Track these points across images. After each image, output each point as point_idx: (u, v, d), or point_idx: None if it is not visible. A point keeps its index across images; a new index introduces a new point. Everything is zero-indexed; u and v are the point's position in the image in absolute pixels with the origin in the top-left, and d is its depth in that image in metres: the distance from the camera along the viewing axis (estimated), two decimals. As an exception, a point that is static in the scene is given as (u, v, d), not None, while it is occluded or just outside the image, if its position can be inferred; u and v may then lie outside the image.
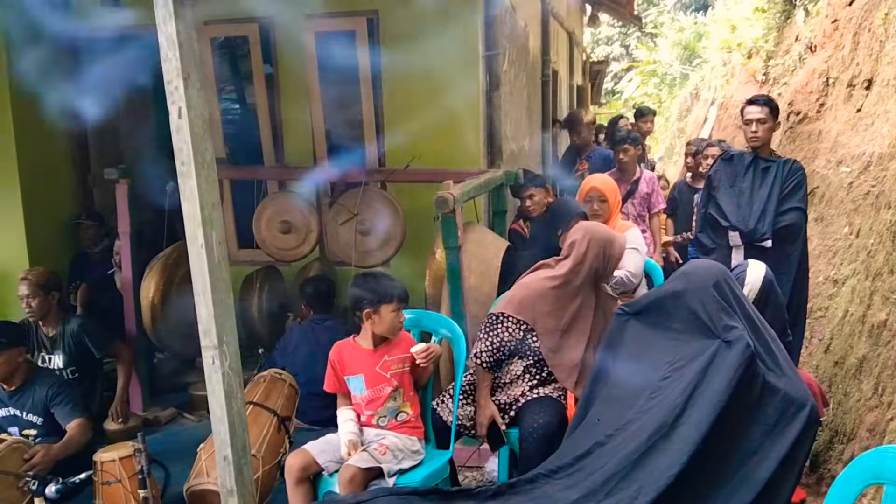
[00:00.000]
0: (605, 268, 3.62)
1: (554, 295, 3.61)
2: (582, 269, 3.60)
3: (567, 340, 3.60)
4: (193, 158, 2.46)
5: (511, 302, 3.64)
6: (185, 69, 2.44)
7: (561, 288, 3.61)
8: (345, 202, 5.36)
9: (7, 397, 3.98)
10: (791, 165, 4.57)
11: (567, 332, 3.60)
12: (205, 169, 2.50)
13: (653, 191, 6.03)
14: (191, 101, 2.45)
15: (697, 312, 3.14)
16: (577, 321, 3.62)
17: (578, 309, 3.62)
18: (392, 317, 3.32)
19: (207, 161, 2.51)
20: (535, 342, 3.59)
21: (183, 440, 4.77)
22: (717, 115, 11.62)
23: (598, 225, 3.89)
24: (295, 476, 3.18)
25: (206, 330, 2.53)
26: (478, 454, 4.27)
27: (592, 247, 3.60)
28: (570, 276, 3.61)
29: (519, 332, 3.58)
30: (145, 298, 5.23)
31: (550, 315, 3.59)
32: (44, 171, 5.89)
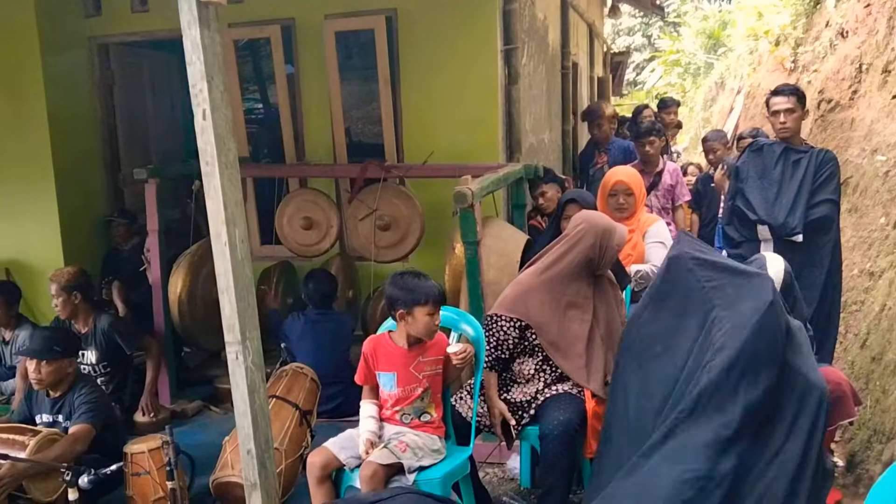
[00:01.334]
0: (600, 258, 3.57)
1: (545, 287, 3.56)
2: (575, 258, 3.55)
3: (566, 332, 3.55)
4: (217, 158, 2.53)
5: (503, 302, 3.62)
6: (209, 72, 2.51)
7: (551, 279, 3.56)
8: (364, 198, 5.42)
9: (50, 405, 4.05)
10: (823, 156, 4.45)
11: (564, 324, 3.55)
12: (228, 168, 2.57)
13: (677, 182, 5.96)
14: (214, 102, 2.52)
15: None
16: (575, 311, 3.57)
17: (574, 298, 3.57)
18: (426, 320, 3.23)
19: (231, 161, 2.59)
20: (534, 338, 3.57)
21: (209, 432, 4.89)
22: (743, 104, 11.52)
23: (598, 214, 3.82)
24: (316, 475, 3.18)
25: (229, 325, 2.61)
26: (499, 451, 4.23)
27: (588, 236, 3.55)
28: (560, 264, 3.56)
29: (514, 329, 3.56)
30: (173, 294, 5.36)
31: (544, 307, 3.55)
32: (77, 172, 6.09)
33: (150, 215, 5.30)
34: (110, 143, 6.45)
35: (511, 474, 4.25)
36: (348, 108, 5.98)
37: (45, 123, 5.79)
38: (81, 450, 3.73)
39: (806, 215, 4.37)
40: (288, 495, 3.80)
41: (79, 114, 6.16)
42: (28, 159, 5.86)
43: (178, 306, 5.36)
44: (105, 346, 4.82)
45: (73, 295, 4.76)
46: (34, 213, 5.91)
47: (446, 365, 3.35)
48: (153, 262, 5.35)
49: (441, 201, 5.30)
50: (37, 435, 3.66)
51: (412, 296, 3.20)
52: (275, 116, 6.54)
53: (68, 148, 5.96)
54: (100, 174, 6.38)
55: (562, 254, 3.60)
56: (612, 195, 4.59)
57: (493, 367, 3.61)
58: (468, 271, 4.32)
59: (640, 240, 4.56)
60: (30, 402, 4.16)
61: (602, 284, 3.66)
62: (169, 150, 7.05)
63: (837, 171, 4.48)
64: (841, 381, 3.51)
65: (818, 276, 4.38)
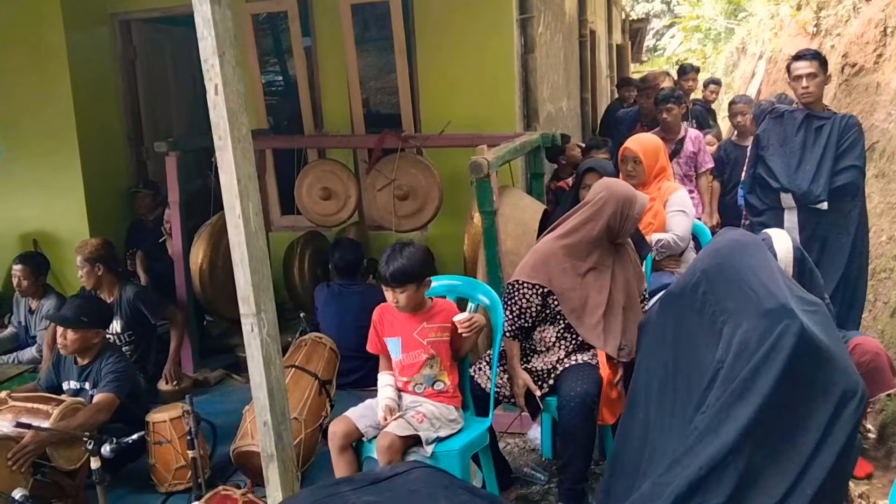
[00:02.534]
0: (621, 226, 3.53)
1: (566, 254, 3.54)
2: (596, 226, 3.52)
3: (586, 299, 3.52)
4: (230, 133, 2.54)
5: (524, 268, 3.57)
6: (221, 47, 2.51)
7: (572, 246, 3.54)
8: (382, 168, 5.43)
9: (78, 372, 4.13)
10: (847, 121, 4.37)
11: (585, 291, 3.52)
12: (240, 142, 2.57)
13: (699, 150, 5.87)
14: (226, 77, 2.52)
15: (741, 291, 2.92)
16: (595, 278, 3.54)
17: (595, 266, 3.54)
18: (387, 293, 3.30)
19: (243, 135, 2.59)
20: (556, 305, 3.54)
21: (231, 400, 4.95)
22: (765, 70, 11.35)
23: (619, 182, 3.78)
24: (338, 444, 3.20)
25: (244, 298, 2.62)
26: (519, 421, 4.19)
27: (610, 204, 3.51)
28: (581, 231, 3.54)
29: (537, 297, 3.52)
30: (194, 264, 5.42)
31: (566, 273, 3.52)
32: (101, 145, 6.18)
33: (170, 187, 5.37)
34: (133, 117, 6.54)
35: (532, 445, 4.24)
36: (365, 79, 5.97)
37: (69, 98, 5.87)
38: (105, 419, 3.80)
39: (830, 182, 4.31)
40: (308, 465, 3.83)
41: (102, 88, 6.22)
42: (53, 133, 5.94)
43: (200, 276, 5.43)
44: (130, 316, 4.91)
45: (96, 266, 4.85)
46: (60, 185, 6.01)
47: (455, 334, 3.34)
48: (174, 233, 5.42)
49: (459, 171, 5.27)
50: (60, 404, 3.73)
51: (380, 270, 3.27)
52: (294, 88, 6.55)
53: (92, 122, 6.04)
54: (123, 147, 6.47)
55: (582, 221, 3.56)
56: (622, 162, 4.57)
57: (516, 336, 3.57)
58: (485, 241, 4.31)
59: (662, 208, 4.53)
60: (57, 369, 4.24)
61: (622, 252, 3.63)
62: (190, 123, 7.11)
63: (861, 136, 4.40)
64: (879, 352, 3.43)
65: (845, 243, 4.33)
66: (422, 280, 3.29)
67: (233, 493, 3.28)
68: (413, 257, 3.24)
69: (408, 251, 3.25)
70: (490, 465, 3.52)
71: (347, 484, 2.48)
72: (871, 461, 3.66)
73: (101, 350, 4.14)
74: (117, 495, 3.81)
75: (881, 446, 3.81)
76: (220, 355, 5.78)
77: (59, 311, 4.63)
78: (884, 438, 3.83)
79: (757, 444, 2.66)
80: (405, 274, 3.22)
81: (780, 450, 2.69)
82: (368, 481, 2.48)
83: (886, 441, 3.80)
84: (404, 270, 3.21)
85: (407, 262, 3.22)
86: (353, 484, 2.47)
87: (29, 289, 5.25)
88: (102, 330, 4.16)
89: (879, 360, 3.38)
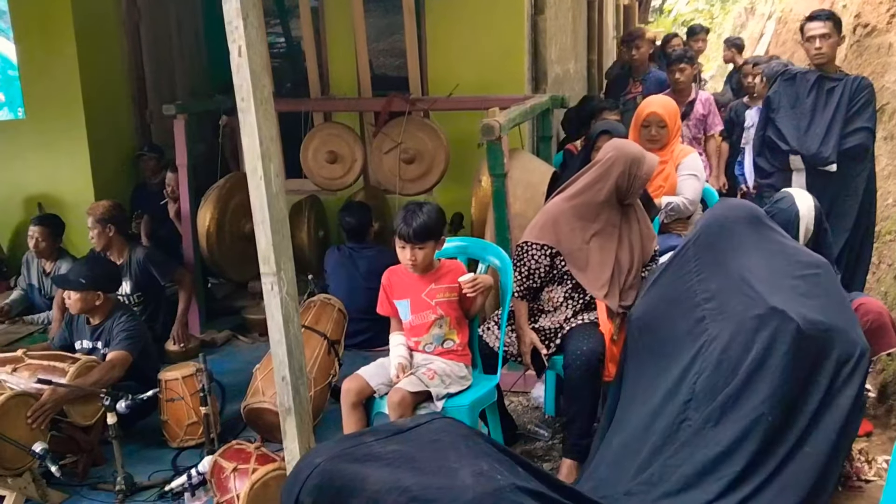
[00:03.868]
0: (629, 187, 3.55)
1: (574, 214, 3.58)
2: (604, 186, 3.55)
3: (593, 258, 3.56)
4: (252, 95, 2.53)
5: (532, 229, 3.62)
6: (244, 9, 2.50)
7: (580, 207, 3.58)
8: (388, 131, 5.41)
9: (90, 332, 4.18)
10: (858, 83, 4.38)
11: (592, 250, 3.56)
12: (263, 104, 2.57)
13: (709, 112, 5.87)
14: (250, 39, 2.51)
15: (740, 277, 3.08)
16: (602, 238, 3.58)
17: (603, 226, 3.58)
18: (399, 251, 3.34)
19: (265, 97, 2.59)
20: (564, 265, 3.58)
21: (238, 360, 5.02)
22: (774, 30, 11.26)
23: (629, 143, 3.79)
24: (351, 401, 3.27)
25: (264, 257, 2.65)
26: (523, 380, 4.29)
27: (618, 164, 3.53)
28: (589, 192, 3.57)
29: (545, 257, 3.56)
30: (201, 227, 5.43)
31: (574, 233, 3.56)
32: (106, 108, 6.11)
33: (178, 150, 5.35)
34: (137, 80, 6.46)
35: (536, 403, 4.33)
36: (372, 41, 5.91)
37: (74, 60, 5.80)
38: (119, 376, 3.85)
39: (840, 144, 4.32)
40: (317, 421, 3.90)
41: (107, 50, 6.14)
42: (58, 95, 5.88)
43: (207, 239, 5.44)
44: (140, 277, 4.95)
45: (107, 227, 4.87)
46: (65, 149, 5.96)
47: (464, 294, 3.38)
48: (182, 196, 5.43)
49: (466, 134, 5.29)
50: (76, 362, 3.77)
51: (397, 226, 3.32)
52: (297, 50, 6.50)
53: (97, 84, 5.98)
54: (128, 110, 6.41)
55: (591, 181, 3.59)
56: (644, 126, 4.55)
57: (524, 297, 3.63)
58: (494, 203, 4.32)
59: (673, 171, 4.55)
60: (70, 329, 4.29)
61: (630, 213, 3.66)
62: (194, 85, 7.04)
63: (873, 98, 4.41)
64: (882, 311, 3.49)
65: (851, 205, 4.36)
66: (439, 237, 3.37)
67: (246, 446, 3.34)
68: (432, 214, 3.32)
69: (427, 209, 3.32)
70: (497, 421, 3.61)
71: (372, 435, 2.57)
72: (870, 419, 3.73)
73: (113, 309, 4.18)
74: (130, 450, 3.85)
75: (881, 405, 3.88)
76: (226, 317, 5.83)
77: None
78: (884, 397, 3.91)
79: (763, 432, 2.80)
80: (428, 229, 3.29)
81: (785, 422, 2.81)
82: (392, 432, 2.56)
83: (886, 400, 3.87)
84: (427, 226, 3.28)
85: (428, 219, 3.29)
86: (377, 434, 2.55)
87: (45, 250, 5.26)
88: (106, 292, 4.16)
89: (882, 319, 3.44)
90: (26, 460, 3.38)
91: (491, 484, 2.33)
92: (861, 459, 3.34)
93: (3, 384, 3.56)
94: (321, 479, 2.34)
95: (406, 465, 2.38)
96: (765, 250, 3.16)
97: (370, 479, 2.33)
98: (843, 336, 2.92)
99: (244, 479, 3.13)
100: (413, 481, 2.31)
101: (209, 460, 3.38)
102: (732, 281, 3.10)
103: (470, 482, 2.31)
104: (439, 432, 2.56)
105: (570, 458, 3.51)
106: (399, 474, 2.34)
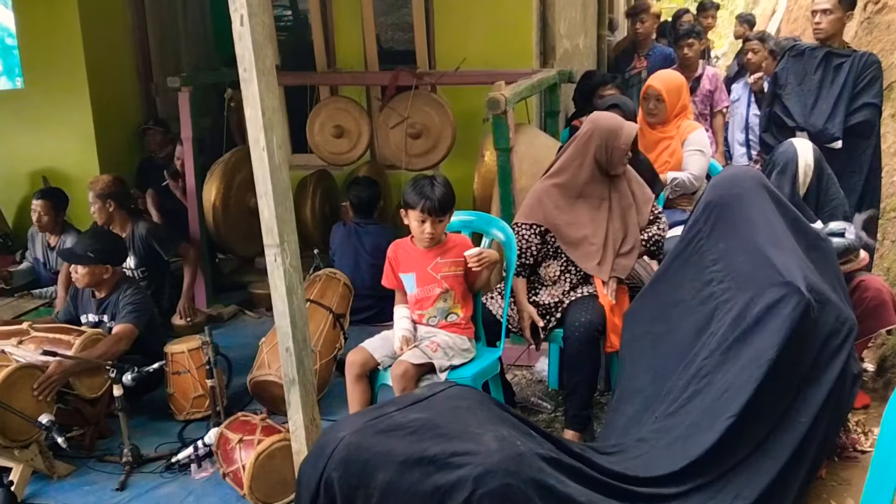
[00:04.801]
0: (608, 159, 3.57)
1: (558, 191, 3.63)
2: (584, 160, 3.59)
3: (581, 232, 3.60)
4: (255, 65, 2.51)
5: (522, 211, 3.70)
6: (247, -23, 2.48)
7: (564, 183, 3.62)
8: (395, 106, 5.38)
9: (95, 305, 4.17)
10: (866, 59, 4.37)
11: (580, 225, 3.60)
12: (265, 75, 2.55)
13: (716, 88, 5.86)
14: (252, 8, 2.48)
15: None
16: (590, 211, 3.62)
17: (590, 200, 3.62)
18: (415, 225, 3.32)
19: (268, 67, 2.57)
20: (554, 241, 3.63)
21: (244, 335, 5.02)
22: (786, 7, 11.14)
23: (605, 115, 3.78)
24: (355, 373, 3.29)
25: (268, 229, 2.64)
26: (528, 354, 4.29)
27: (594, 138, 3.56)
28: (571, 167, 3.61)
29: (535, 236, 3.62)
30: (207, 202, 5.42)
31: (560, 210, 3.61)
32: (110, 80, 6.07)
33: (183, 123, 5.31)
34: (142, 52, 6.41)
35: (539, 376, 4.37)
36: (380, 15, 5.85)
37: (77, 31, 5.75)
38: (125, 349, 3.86)
39: (846, 120, 4.31)
40: (322, 394, 3.91)
41: (111, 22, 6.10)
42: (61, 67, 5.84)
43: (213, 213, 5.43)
44: (143, 252, 4.93)
45: (107, 202, 4.84)
46: (69, 121, 5.93)
47: (469, 268, 3.38)
48: (187, 170, 5.40)
49: (472, 109, 5.24)
50: (82, 335, 3.78)
51: (409, 198, 3.29)
52: (303, 23, 6.44)
53: (101, 56, 5.93)
54: (132, 82, 6.37)
55: (571, 157, 3.64)
56: (644, 99, 4.56)
57: (521, 274, 3.68)
58: (500, 178, 4.31)
59: (679, 147, 4.54)
60: (75, 302, 4.29)
61: (620, 184, 3.66)
62: (200, 58, 7.00)
63: (880, 74, 4.39)
64: (881, 288, 3.51)
65: (857, 182, 4.35)
66: (453, 210, 3.40)
67: (252, 418, 3.37)
68: (449, 187, 3.34)
69: (442, 180, 3.34)
70: (500, 392, 3.65)
71: (393, 405, 2.64)
72: (868, 393, 3.78)
73: (119, 283, 4.17)
74: (137, 423, 3.89)
75: (879, 378, 3.92)
76: (233, 292, 5.82)
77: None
78: (882, 371, 3.94)
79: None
80: (450, 201, 3.31)
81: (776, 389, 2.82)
82: (411, 401, 2.64)
83: (885, 373, 3.91)
84: (449, 198, 3.30)
85: (448, 191, 3.31)
86: (398, 405, 2.62)
87: (49, 224, 5.23)
88: (113, 265, 4.15)
89: (882, 296, 3.46)
90: (32, 432, 3.41)
91: (514, 449, 2.38)
92: (858, 431, 3.39)
93: (9, 356, 3.57)
94: (347, 452, 2.41)
95: (430, 433, 2.42)
96: (772, 217, 3.14)
97: (396, 450, 2.38)
98: (837, 309, 2.95)
99: (250, 451, 3.17)
100: (438, 449, 2.36)
101: (215, 432, 3.42)
102: (742, 246, 3.09)
103: (495, 447, 2.35)
104: (457, 398, 2.63)
105: (572, 429, 3.57)
106: (424, 443, 2.39)
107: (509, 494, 2.28)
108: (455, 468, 2.30)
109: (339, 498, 2.39)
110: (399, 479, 2.33)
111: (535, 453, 2.44)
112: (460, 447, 2.36)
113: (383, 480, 2.34)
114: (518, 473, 2.32)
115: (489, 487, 2.26)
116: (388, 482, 2.34)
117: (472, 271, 3.40)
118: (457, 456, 2.33)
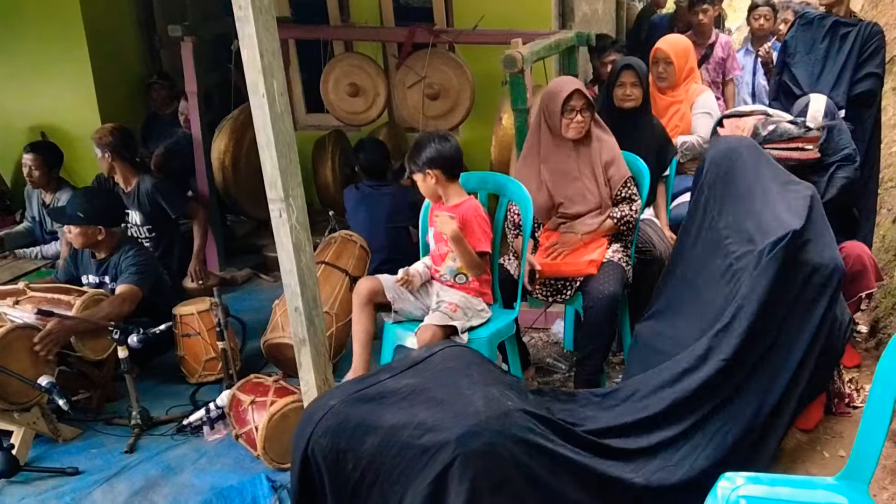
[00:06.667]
0: (551, 119, 3.64)
1: (528, 167, 3.75)
2: (537, 129, 3.73)
3: (551, 196, 3.70)
4: (251, 3, 2.35)
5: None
6: None
7: (528, 154, 3.77)
8: (412, 64, 5.21)
9: (96, 267, 4.06)
10: (870, 29, 4.44)
11: (550, 189, 3.69)
12: (263, 14, 2.39)
13: (728, 56, 5.77)
14: (244, -58, 2.34)
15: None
16: (557, 176, 3.70)
17: (558, 166, 3.69)
18: (419, 179, 3.40)
19: (265, 6, 2.41)
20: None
21: (259, 298, 4.94)
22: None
23: (555, 81, 3.88)
24: (363, 298, 3.35)
25: (271, 183, 2.51)
26: (545, 316, 4.35)
27: (536, 105, 3.68)
28: (531, 139, 3.77)
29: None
30: (216, 160, 5.27)
31: (530, 180, 3.68)
32: (110, 31, 5.86)
33: (187, 76, 5.09)
34: (144, 1, 6.17)
35: (555, 338, 4.42)
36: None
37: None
38: (129, 310, 3.75)
39: (850, 90, 4.40)
40: (339, 357, 3.85)
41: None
42: (57, 17, 5.60)
43: (222, 172, 5.29)
44: (149, 208, 4.72)
45: (105, 153, 4.65)
46: (67, 75, 5.71)
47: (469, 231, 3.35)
48: (193, 125, 5.23)
49: (491, 71, 5.09)
50: (82, 295, 3.69)
51: (411, 158, 3.38)
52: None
53: (99, 4, 5.69)
54: (134, 34, 6.13)
55: (531, 130, 3.81)
56: (654, 63, 4.56)
57: (518, 236, 3.75)
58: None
59: (688, 111, 4.56)
60: (75, 263, 4.17)
61: (586, 144, 3.69)
62: (207, 9, 6.72)
63: (883, 44, 4.48)
64: (862, 255, 3.69)
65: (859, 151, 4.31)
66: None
67: (264, 380, 3.31)
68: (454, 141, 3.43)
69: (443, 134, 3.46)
70: (515, 353, 3.66)
71: (387, 372, 2.73)
72: (861, 352, 3.98)
73: (119, 244, 4.06)
74: (147, 386, 3.83)
75: (871, 338, 4.13)
76: (247, 255, 5.71)
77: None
78: (875, 331, 4.15)
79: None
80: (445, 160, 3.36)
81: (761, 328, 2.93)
82: (406, 366, 2.71)
83: (877, 334, 4.12)
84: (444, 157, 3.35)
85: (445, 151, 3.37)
86: (391, 371, 2.71)
87: (41, 179, 5.04)
88: (106, 226, 3.99)
89: (862, 261, 3.66)
90: (32, 394, 3.32)
91: (500, 408, 2.47)
92: (851, 387, 3.58)
93: (4, 317, 3.48)
94: (336, 419, 2.47)
95: (420, 397, 2.51)
96: (768, 182, 3.32)
97: (385, 416, 2.46)
98: (819, 250, 3.06)
99: (262, 412, 3.14)
100: (427, 413, 2.43)
101: (227, 394, 3.38)
102: (744, 208, 3.24)
103: (481, 407, 2.44)
104: (452, 359, 2.72)
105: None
106: (414, 409, 2.46)
107: (492, 453, 2.35)
108: (441, 430, 2.36)
109: (324, 464, 2.46)
110: (388, 444, 2.41)
111: (524, 411, 2.51)
112: (448, 411, 2.42)
113: (372, 444, 2.42)
114: (503, 432, 2.40)
115: (471, 447, 2.32)
116: (376, 446, 2.41)
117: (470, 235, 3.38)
118: (445, 420, 2.39)
